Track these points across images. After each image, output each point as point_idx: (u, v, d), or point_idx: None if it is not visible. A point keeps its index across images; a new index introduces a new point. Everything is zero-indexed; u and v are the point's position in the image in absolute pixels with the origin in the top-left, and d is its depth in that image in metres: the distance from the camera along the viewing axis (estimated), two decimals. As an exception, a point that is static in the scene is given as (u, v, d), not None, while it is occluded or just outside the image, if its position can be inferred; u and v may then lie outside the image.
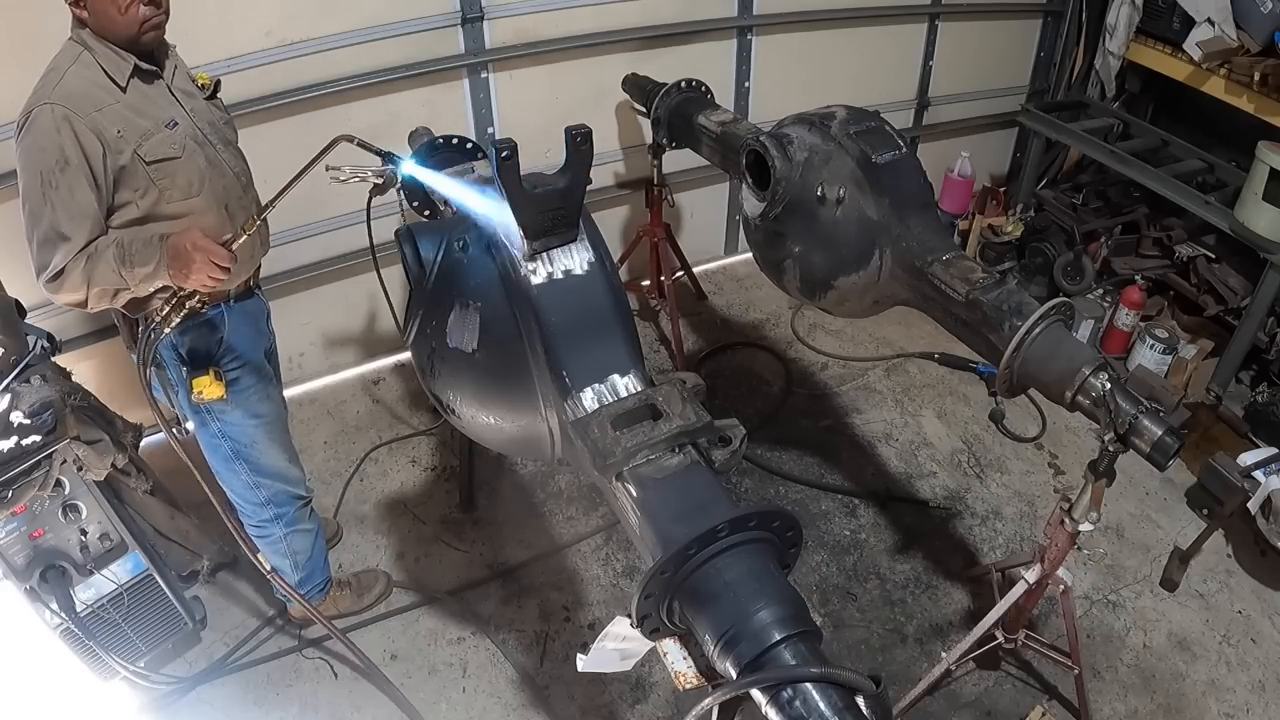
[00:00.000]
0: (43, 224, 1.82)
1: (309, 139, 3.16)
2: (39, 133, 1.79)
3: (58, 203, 1.81)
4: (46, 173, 1.80)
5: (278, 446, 2.39)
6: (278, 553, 2.50)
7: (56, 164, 1.79)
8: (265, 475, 2.37)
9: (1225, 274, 3.71)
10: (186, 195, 1.99)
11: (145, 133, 1.90)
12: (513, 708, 2.61)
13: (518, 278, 1.61)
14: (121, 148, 1.86)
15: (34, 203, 1.82)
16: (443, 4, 3.25)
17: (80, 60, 1.86)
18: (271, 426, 2.36)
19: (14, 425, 2.09)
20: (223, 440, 2.27)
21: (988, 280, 2.08)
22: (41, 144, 1.79)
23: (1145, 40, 3.98)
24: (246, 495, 2.39)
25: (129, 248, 1.85)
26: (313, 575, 2.64)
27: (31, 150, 1.81)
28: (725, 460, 1.49)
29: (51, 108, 1.78)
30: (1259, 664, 2.74)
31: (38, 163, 1.80)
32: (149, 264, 1.85)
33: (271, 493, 2.41)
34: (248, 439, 2.30)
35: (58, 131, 1.78)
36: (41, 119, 1.79)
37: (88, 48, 1.87)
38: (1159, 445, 1.78)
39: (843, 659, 2.72)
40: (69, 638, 2.33)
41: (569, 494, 3.28)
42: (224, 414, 2.23)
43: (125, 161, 1.87)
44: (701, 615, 1.27)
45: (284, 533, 2.48)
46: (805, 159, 2.36)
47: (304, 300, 3.58)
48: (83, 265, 1.84)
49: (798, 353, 4.01)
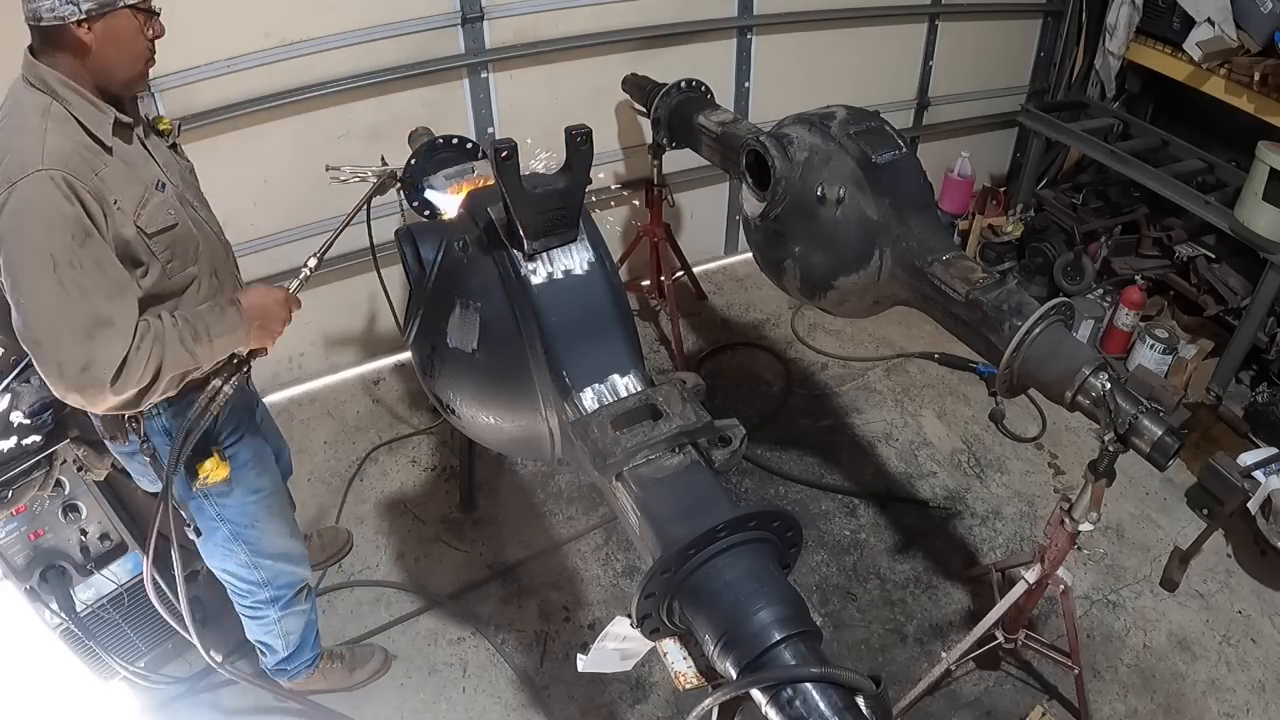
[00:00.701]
0: (71, 315, 1.46)
1: (309, 139, 3.22)
2: (39, 205, 1.44)
3: (88, 285, 1.47)
4: (60, 253, 1.45)
5: (278, 520, 2.16)
6: (270, 633, 2.31)
7: (74, 239, 1.46)
8: (265, 556, 2.14)
9: (1225, 274, 3.71)
10: (185, 265, 1.74)
11: (141, 200, 1.62)
12: (513, 708, 2.61)
13: (518, 278, 1.61)
14: (123, 220, 1.57)
15: (46, 294, 1.45)
16: (443, 4, 3.25)
17: (52, 114, 1.52)
18: (271, 500, 2.12)
19: (14, 425, 2.09)
20: (221, 524, 2.02)
21: (988, 280, 2.08)
22: (46, 218, 1.45)
23: (1145, 40, 3.98)
24: (243, 575, 2.15)
25: (196, 321, 1.62)
26: (302, 651, 2.43)
27: (30, 229, 1.45)
28: (725, 460, 1.49)
29: (49, 174, 1.45)
30: (1259, 664, 2.74)
31: (43, 245, 1.44)
32: (230, 330, 1.65)
33: (271, 574, 2.17)
34: (248, 518, 2.06)
35: (68, 200, 1.46)
36: (37, 189, 1.44)
37: (57, 97, 1.53)
38: (1159, 445, 1.78)
39: (843, 659, 2.72)
40: (69, 638, 2.33)
41: (569, 494, 3.28)
42: (222, 496, 1.98)
43: (129, 235, 1.59)
44: (701, 615, 1.27)
45: (278, 615, 2.27)
46: (805, 159, 2.36)
47: (304, 300, 3.56)
48: (146, 346, 1.53)
49: (798, 353, 4.01)
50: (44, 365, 1.50)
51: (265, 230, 3.28)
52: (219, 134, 3.02)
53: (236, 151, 3.08)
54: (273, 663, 2.43)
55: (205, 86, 2.94)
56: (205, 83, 2.93)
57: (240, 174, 3.11)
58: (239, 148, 3.10)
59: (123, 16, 1.55)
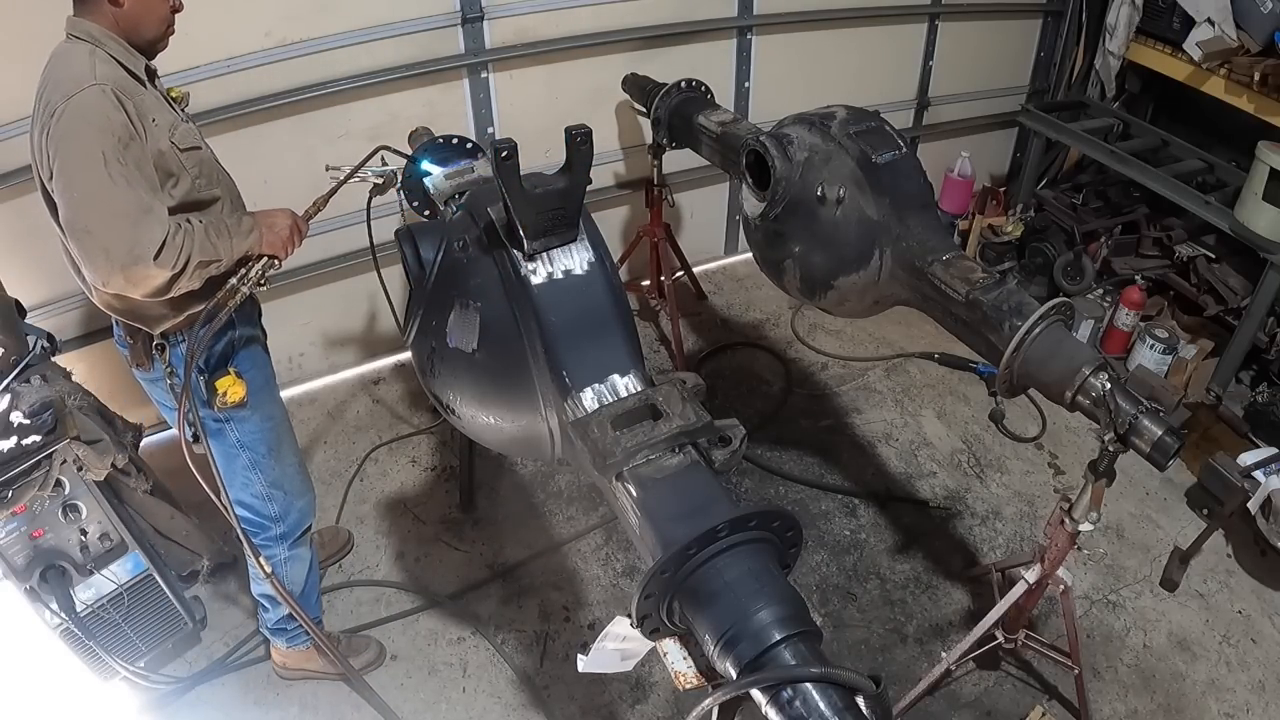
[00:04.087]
0: (118, 202, 1.68)
1: (309, 139, 3.22)
2: (92, 112, 1.69)
3: (133, 178, 1.71)
4: (110, 150, 1.68)
5: (290, 452, 2.31)
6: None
7: (120, 141, 1.70)
8: (279, 488, 2.27)
9: (1225, 274, 3.71)
10: (211, 186, 1.97)
11: (172, 123, 1.87)
12: (513, 708, 2.61)
13: (518, 278, 1.61)
14: (159, 135, 1.82)
15: (96, 185, 1.68)
16: (443, 4, 3.25)
17: (97, 55, 1.77)
18: (283, 428, 2.29)
19: (14, 425, 2.09)
20: (240, 450, 2.16)
21: (988, 280, 2.08)
22: (98, 123, 1.69)
23: (1145, 40, 3.98)
24: (259, 508, 2.26)
25: (218, 222, 1.84)
26: (303, 606, 2.41)
27: (84, 131, 1.68)
28: (725, 460, 1.49)
29: (102, 88, 1.70)
30: (1259, 664, 2.74)
31: (96, 142, 1.68)
32: (246, 232, 1.86)
33: (283, 507, 2.30)
34: (265, 445, 2.20)
35: (116, 108, 1.71)
36: (92, 98, 1.69)
37: (99, 44, 1.79)
38: (1159, 445, 1.78)
39: (843, 659, 2.72)
40: (69, 638, 2.33)
41: (569, 494, 3.28)
42: (243, 420, 2.13)
43: (164, 147, 1.83)
44: (701, 615, 1.27)
45: (285, 555, 2.36)
46: (805, 159, 2.36)
47: (304, 300, 3.58)
48: (181, 235, 1.75)
49: (798, 353, 4.01)
50: (91, 251, 1.70)
51: (265, 230, 3.27)
52: (219, 134, 3.01)
53: (236, 151, 3.06)
54: (274, 619, 2.47)
55: (205, 86, 2.94)
56: (205, 83, 2.93)
57: (240, 174, 3.06)
58: (239, 148, 3.08)
59: None
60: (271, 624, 2.50)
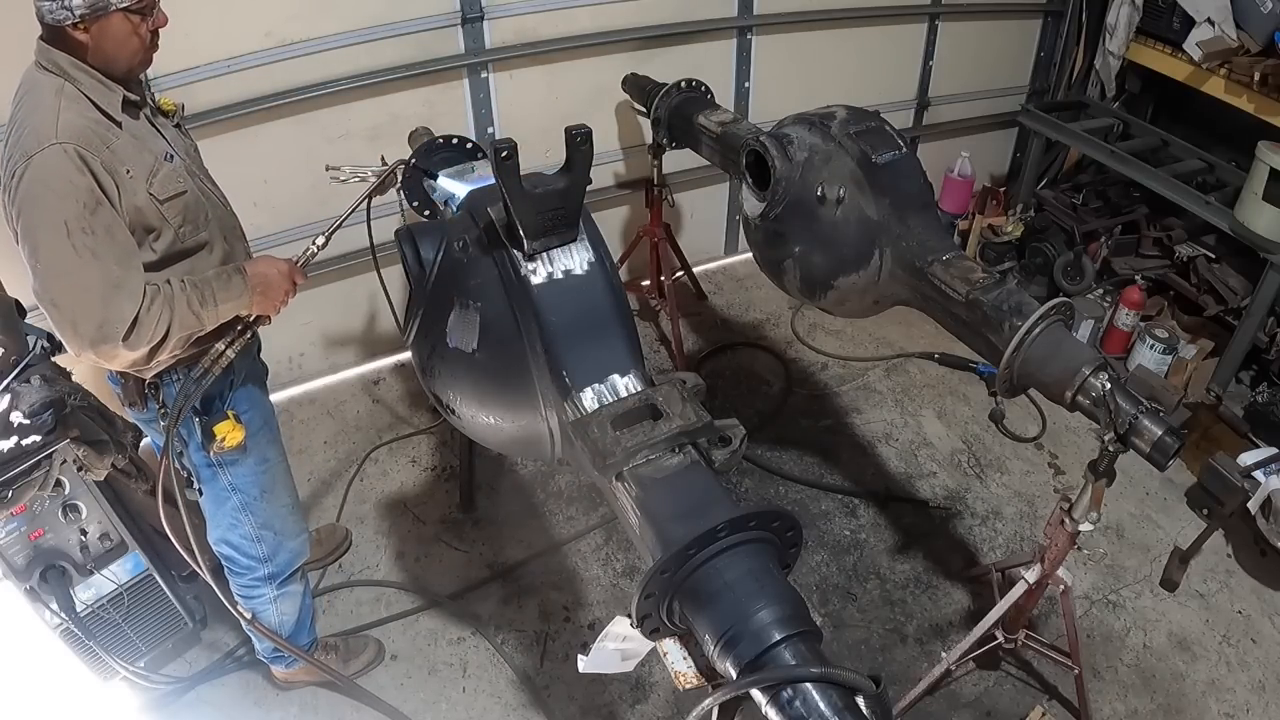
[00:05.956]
0: (83, 276, 1.57)
1: (309, 139, 3.22)
2: (53, 177, 1.56)
3: (99, 249, 1.58)
4: (74, 220, 1.56)
5: (285, 493, 2.26)
6: (264, 614, 2.33)
7: (85, 208, 1.57)
8: (270, 529, 2.22)
9: (1225, 274, 3.71)
10: (198, 230, 1.84)
11: (151, 169, 1.73)
12: (513, 708, 2.61)
13: (518, 278, 1.61)
14: (135, 188, 1.67)
15: (60, 258, 1.56)
16: (443, 4, 3.25)
17: (65, 93, 1.62)
18: (280, 471, 2.23)
19: (14, 425, 2.09)
20: (232, 493, 2.11)
21: (988, 280, 2.08)
22: (59, 188, 1.56)
23: (1145, 40, 3.98)
24: (246, 549, 2.21)
25: (203, 286, 1.72)
26: (296, 637, 2.46)
27: (45, 197, 1.56)
28: (725, 460, 1.49)
29: (62, 147, 1.56)
30: (1259, 664, 2.74)
31: (58, 211, 1.55)
32: (235, 297, 1.74)
33: (272, 548, 2.24)
34: (258, 488, 2.15)
35: (80, 171, 1.57)
36: (53, 160, 1.55)
37: (68, 78, 1.64)
38: (1159, 445, 1.78)
39: (843, 659, 2.72)
40: (69, 638, 2.33)
41: (569, 494, 3.28)
42: (236, 463, 2.07)
43: (141, 203, 1.69)
44: (701, 615, 1.27)
45: (274, 594, 2.32)
46: (805, 159, 2.36)
47: (304, 300, 3.53)
48: (157, 308, 1.64)
49: (798, 353, 4.01)
50: (60, 324, 1.61)
51: (265, 230, 3.27)
52: (219, 134, 3.02)
53: (236, 151, 3.08)
54: (270, 647, 2.45)
55: (205, 86, 2.94)
56: (205, 83, 2.93)
57: (240, 174, 3.08)
58: (239, 148, 3.10)
59: (115, 19, 1.63)
60: (269, 654, 2.48)
